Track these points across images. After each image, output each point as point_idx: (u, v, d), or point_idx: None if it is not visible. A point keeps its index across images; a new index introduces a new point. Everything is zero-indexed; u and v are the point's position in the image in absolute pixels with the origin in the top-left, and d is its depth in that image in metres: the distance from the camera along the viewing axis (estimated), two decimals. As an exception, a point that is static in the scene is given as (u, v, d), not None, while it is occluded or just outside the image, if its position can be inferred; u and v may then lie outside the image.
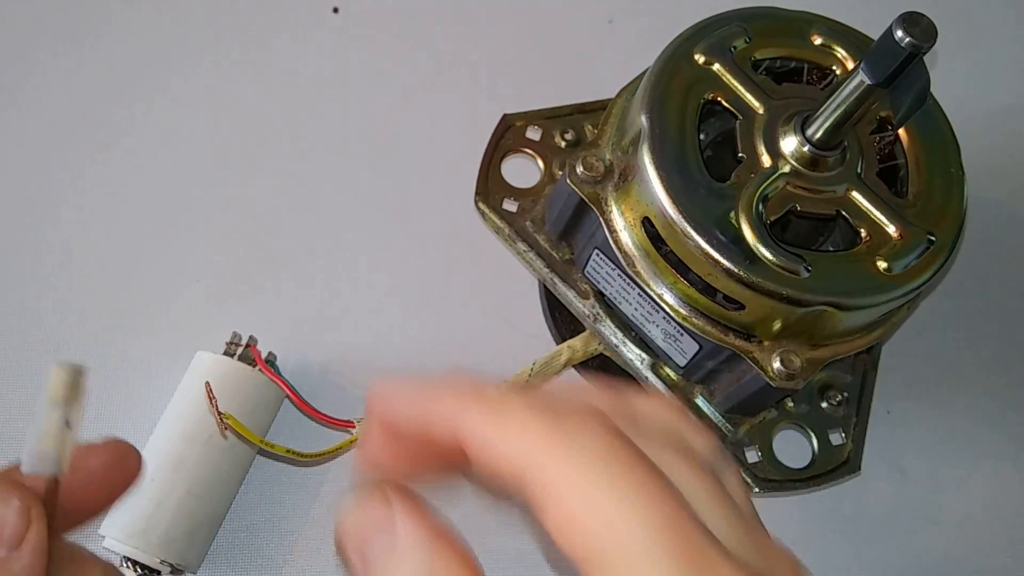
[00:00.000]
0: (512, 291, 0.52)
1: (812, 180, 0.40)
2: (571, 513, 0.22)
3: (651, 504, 0.22)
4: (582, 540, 0.22)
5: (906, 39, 0.34)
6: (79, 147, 0.53)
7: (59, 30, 0.56)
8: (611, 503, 0.22)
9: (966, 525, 0.49)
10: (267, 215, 0.52)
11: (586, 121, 0.52)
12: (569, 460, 0.23)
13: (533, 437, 0.23)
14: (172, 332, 0.49)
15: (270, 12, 0.58)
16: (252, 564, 0.44)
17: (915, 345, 0.53)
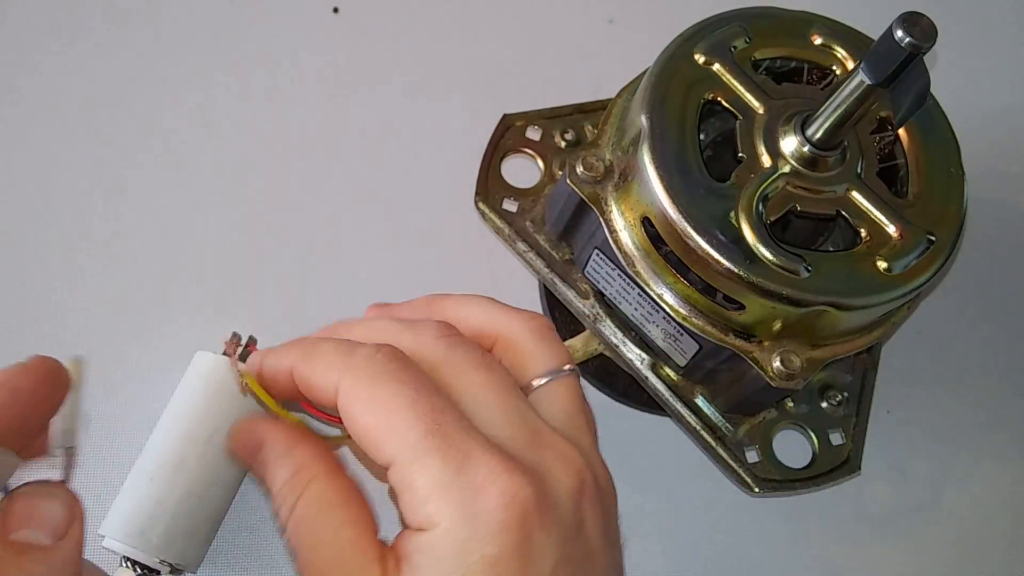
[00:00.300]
0: (512, 291, 0.52)
1: (812, 180, 0.40)
2: (365, 426, 0.30)
3: (417, 415, 0.29)
4: (377, 449, 0.29)
5: (906, 39, 0.34)
6: (79, 147, 0.53)
7: (59, 31, 0.56)
8: (390, 417, 0.29)
9: (966, 525, 0.49)
10: (266, 214, 0.52)
11: (586, 121, 0.52)
12: (356, 383, 0.30)
13: (332, 369, 0.31)
14: (172, 332, 0.49)
15: (270, 12, 0.58)
16: (252, 564, 0.44)
17: (915, 345, 0.53)
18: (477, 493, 0.28)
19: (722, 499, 0.48)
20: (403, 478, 0.29)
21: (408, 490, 0.29)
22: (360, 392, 0.30)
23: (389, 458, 0.29)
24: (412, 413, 0.29)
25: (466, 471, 0.28)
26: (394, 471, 0.29)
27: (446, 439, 0.29)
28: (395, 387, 0.30)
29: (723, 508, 0.48)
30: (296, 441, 0.33)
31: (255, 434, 0.33)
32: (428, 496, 0.28)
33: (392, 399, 0.30)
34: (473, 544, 0.28)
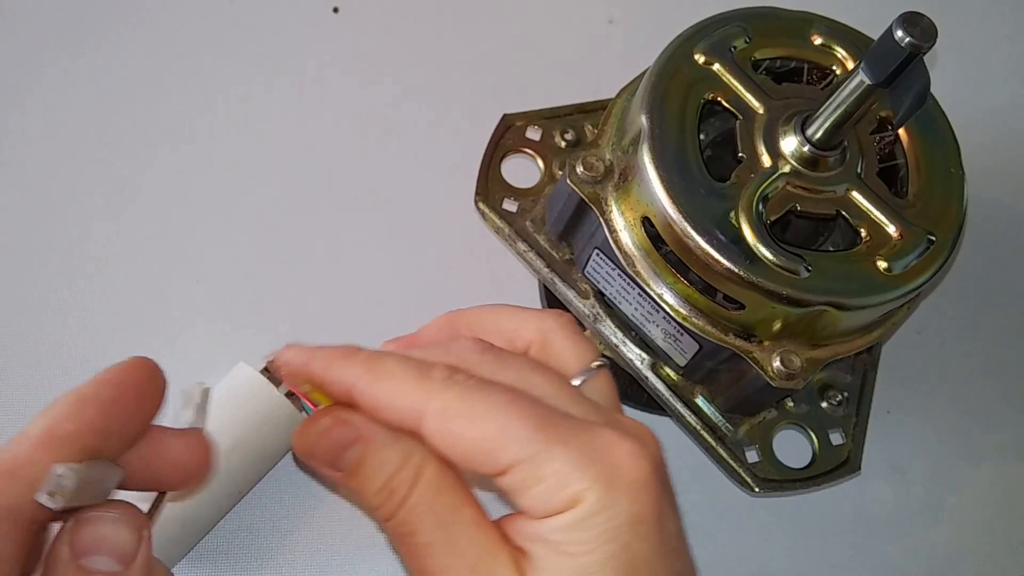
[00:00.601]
0: (512, 291, 0.52)
1: (812, 180, 0.40)
2: (473, 441, 0.29)
3: (523, 415, 0.29)
4: (491, 458, 0.29)
5: (906, 39, 0.34)
6: (79, 147, 0.53)
7: (59, 32, 0.56)
8: (497, 424, 0.29)
9: (966, 525, 0.49)
10: (265, 214, 0.52)
11: (586, 121, 0.52)
12: (448, 403, 0.30)
13: (412, 393, 0.30)
14: (172, 332, 0.49)
15: (270, 12, 0.58)
16: (252, 564, 0.44)
17: (915, 345, 0.53)
18: (609, 461, 0.29)
19: (722, 499, 0.48)
20: (529, 475, 0.29)
21: (539, 483, 0.29)
22: (457, 410, 0.30)
23: (509, 462, 0.29)
24: (517, 414, 0.30)
25: (590, 447, 0.29)
26: (516, 472, 0.29)
27: (557, 427, 0.29)
28: (489, 396, 0.30)
29: (723, 508, 0.48)
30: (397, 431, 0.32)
31: (348, 427, 0.32)
32: (565, 480, 0.28)
33: (492, 408, 0.30)
34: (620, 507, 0.28)
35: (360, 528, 0.45)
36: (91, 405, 0.30)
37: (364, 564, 0.44)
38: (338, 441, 0.32)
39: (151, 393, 0.33)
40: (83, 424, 0.29)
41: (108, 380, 0.31)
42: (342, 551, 0.44)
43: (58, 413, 0.30)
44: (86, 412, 0.30)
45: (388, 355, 0.32)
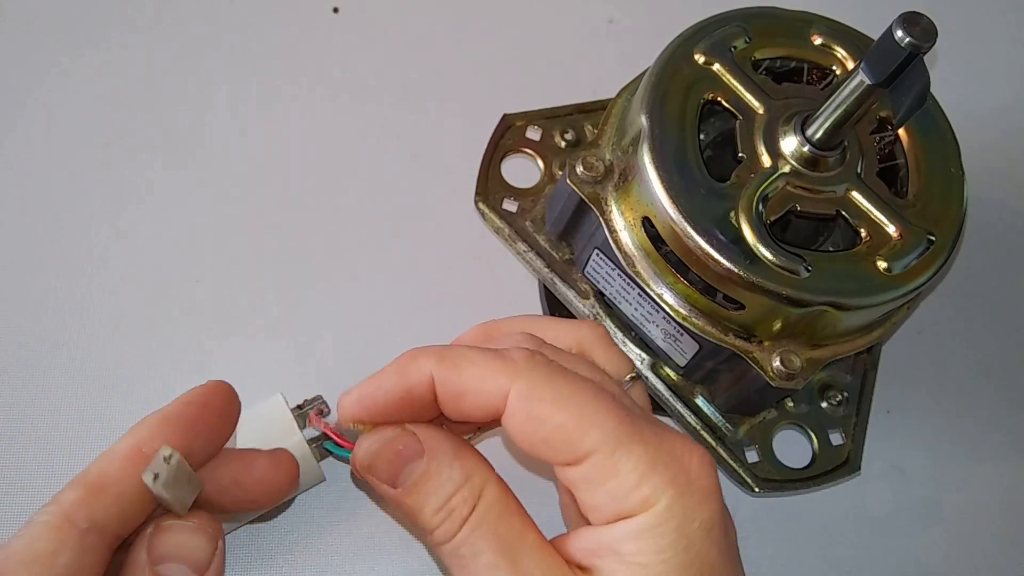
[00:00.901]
0: (512, 291, 0.52)
1: (812, 180, 0.40)
2: (556, 424, 0.29)
3: (607, 406, 0.29)
4: (571, 445, 0.29)
5: (906, 39, 0.34)
6: (79, 147, 0.53)
7: (58, 33, 0.56)
8: (582, 411, 0.29)
9: (966, 525, 0.49)
10: (265, 214, 0.52)
11: (586, 121, 0.52)
12: (535, 384, 0.30)
13: (497, 374, 0.30)
14: (172, 333, 0.49)
15: (270, 12, 0.58)
16: (252, 564, 0.44)
17: (915, 345, 0.53)
18: (685, 466, 0.29)
19: (722, 499, 0.48)
20: (606, 467, 0.29)
21: (614, 477, 0.29)
22: (543, 391, 0.30)
23: (588, 450, 0.29)
24: (602, 404, 0.29)
25: (666, 448, 0.29)
26: (593, 463, 0.29)
27: (636, 423, 0.29)
28: (573, 383, 0.30)
29: (723, 508, 0.48)
30: (460, 446, 0.32)
31: (411, 444, 0.31)
32: (640, 478, 0.28)
33: (577, 394, 0.29)
34: (693, 512, 0.28)
35: (360, 528, 0.45)
36: (175, 425, 0.31)
37: (364, 564, 0.44)
38: (402, 453, 0.31)
39: (229, 414, 0.34)
40: (168, 443, 0.31)
41: (191, 401, 0.32)
42: (342, 551, 0.44)
43: (145, 432, 0.31)
44: (171, 431, 0.31)
45: (461, 347, 0.32)
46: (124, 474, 0.29)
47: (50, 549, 0.28)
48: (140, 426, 0.31)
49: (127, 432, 0.31)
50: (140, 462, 0.29)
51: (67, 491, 0.29)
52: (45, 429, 0.45)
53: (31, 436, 0.45)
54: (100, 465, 0.30)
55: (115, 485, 0.29)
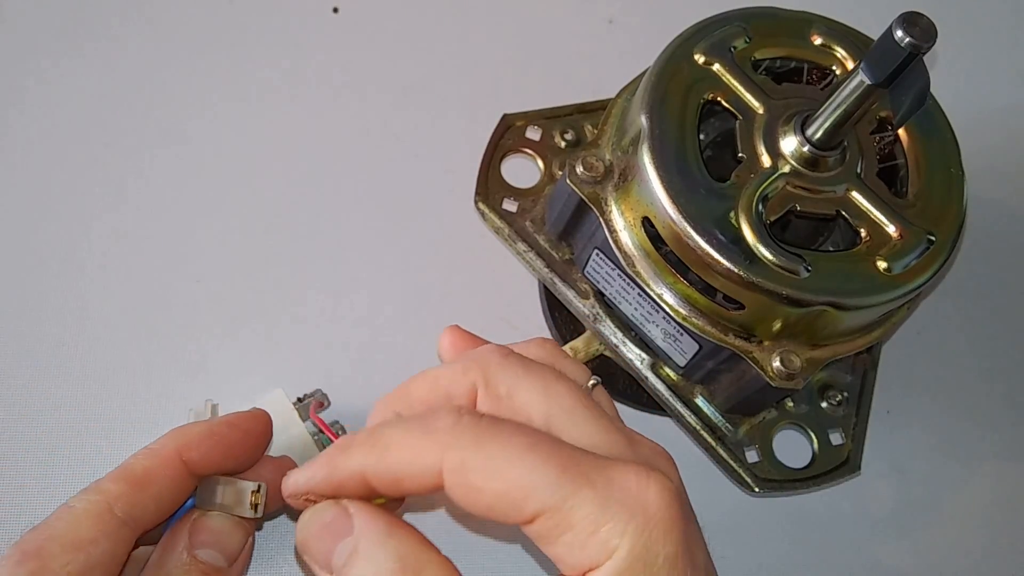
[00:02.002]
0: (512, 291, 0.52)
1: (812, 180, 0.40)
2: (496, 492, 0.28)
3: (544, 458, 0.28)
4: (517, 508, 0.28)
5: (906, 39, 0.34)
6: (78, 147, 0.53)
7: (58, 32, 0.56)
8: (519, 472, 0.28)
9: (966, 525, 0.49)
10: (265, 214, 0.52)
11: (586, 121, 0.52)
12: (463, 454, 0.28)
13: (423, 453, 0.29)
14: (172, 333, 0.49)
15: (270, 12, 0.58)
16: (252, 564, 0.44)
17: (915, 345, 0.53)
18: (639, 503, 0.28)
19: (722, 499, 0.48)
20: (559, 521, 0.28)
21: (569, 530, 0.27)
22: (474, 461, 0.28)
23: (535, 510, 0.28)
24: (539, 458, 0.28)
25: (617, 487, 0.28)
26: (544, 520, 0.28)
27: (580, 467, 0.28)
28: (505, 440, 0.28)
29: (723, 508, 0.48)
30: (395, 525, 0.30)
31: (340, 519, 0.30)
32: (595, 525, 0.27)
33: (511, 454, 0.28)
34: (656, 548, 0.27)
35: (360, 528, 0.45)
36: (218, 443, 0.34)
37: (364, 564, 0.44)
38: (331, 526, 0.30)
39: (262, 444, 0.36)
40: (207, 456, 0.33)
41: (236, 425, 0.35)
42: (342, 551, 0.44)
43: (189, 441, 0.33)
44: (212, 447, 0.33)
45: (385, 425, 0.30)
46: (165, 475, 0.31)
47: (90, 537, 0.30)
48: (185, 433, 0.33)
49: (170, 434, 0.33)
50: (181, 467, 0.31)
51: (111, 482, 0.31)
52: (45, 429, 0.45)
53: (31, 436, 0.45)
54: (144, 463, 0.32)
55: (156, 484, 0.31)
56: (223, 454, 0.33)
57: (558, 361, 0.35)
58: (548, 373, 0.32)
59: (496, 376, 0.31)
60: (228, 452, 0.33)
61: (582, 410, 0.31)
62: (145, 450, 0.33)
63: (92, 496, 0.31)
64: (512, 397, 0.31)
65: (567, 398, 0.31)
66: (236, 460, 0.34)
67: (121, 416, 0.46)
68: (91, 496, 0.31)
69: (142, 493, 0.31)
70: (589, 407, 0.31)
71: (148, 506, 0.31)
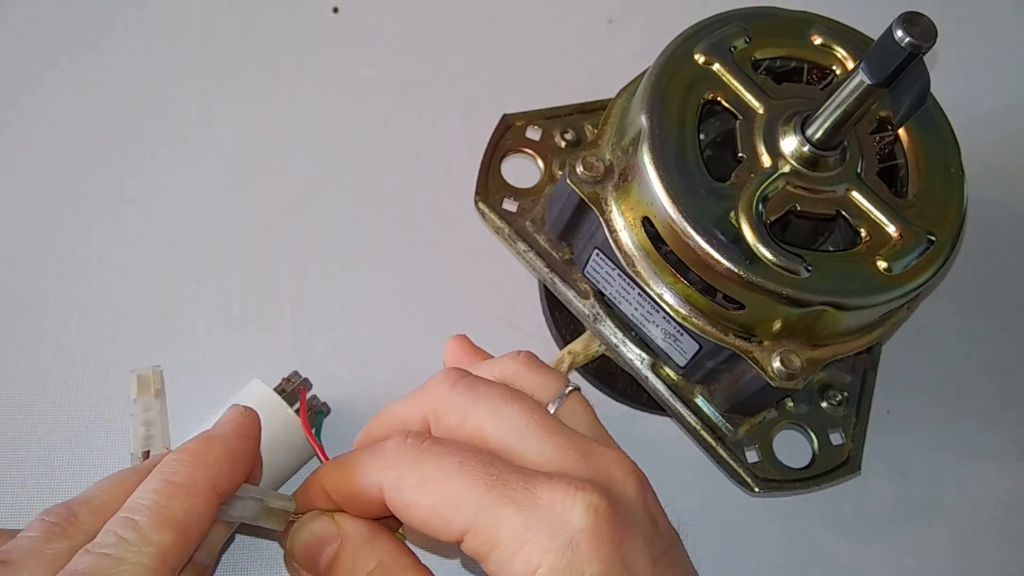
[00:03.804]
0: (512, 291, 0.52)
1: (812, 180, 0.40)
2: (426, 508, 0.30)
3: (472, 476, 0.29)
4: (447, 525, 0.29)
5: (906, 39, 0.34)
6: (78, 147, 0.53)
7: (58, 32, 0.56)
8: (446, 489, 0.29)
9: (966, 525, 0.49)
10: (265, 214, 0.52)
11: (586, 121, 0.52)
12: (399, 473, 0.30)
13: (369, 471, 0.31)
14: (171, 333, 0.49)
15: (270, 12, 0.58)
16: (252, 564, 0.44)
17: (915, 345, 0.53)
18: (562, 521, 0.28)
19: (722, 499, 0.48)
20: (486, 539, 0.29)
21: (496, 548, 0.28)
22: (407, 479, 0.30)
23: (463, 528, 0.29)
24: (466, 476, 0.29)
25: (542, 505, 0.28)
26: (472, 537, 0.29)
27: (508, 485, 0.29)
28: (438, 460, 0.30)
29: (723, 508, 0.48)
30: (377, 532, 0.32)
31: (325, 527, 0.32)
32: (519, 544, 0.28)
33: (440, 472, 0.30)
34: (580, 567, 0.28)
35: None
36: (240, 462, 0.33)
37: (364, 564, 0.44)
38: (316, 534, 0.32)
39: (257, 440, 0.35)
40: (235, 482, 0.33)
41: (247, 436, 0.34)
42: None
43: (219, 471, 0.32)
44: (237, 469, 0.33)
45: (353, 452, 0.33)
46: (205, 514, 0.30)
47: None
48: (212, 464, 0.31)
49: (197, 464, 0.31)
50: (216, 500, 0.31)
51: (156, 531, 0.29)
52: (45, 429, 0.45)
53: (31, 436, 0.45)
54: (183, 505, 0.30)
55: (199, 527, 0.30)
56: (245, 471, 0.33)
57: (524, 376, 0.35)
58: (498, 396, 0.32)
59: (444, 407, 0.33)
60: (248, 467, 0.33)
61: (535, 428, 0.31)
62: (177, 487, 0.30)
63: (144, 548, 0.28)
64: (464, 424, 0.32)
65: (518, 418, 0.32)
66: (250, 471, 0.34)
67: (121, 416, 0.46)
68: (143, 548, 0.28)
69: (188, 539, 0.30)
70: (543, 424, 0.32)
71: (191, 548, 0.30)
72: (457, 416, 0.32)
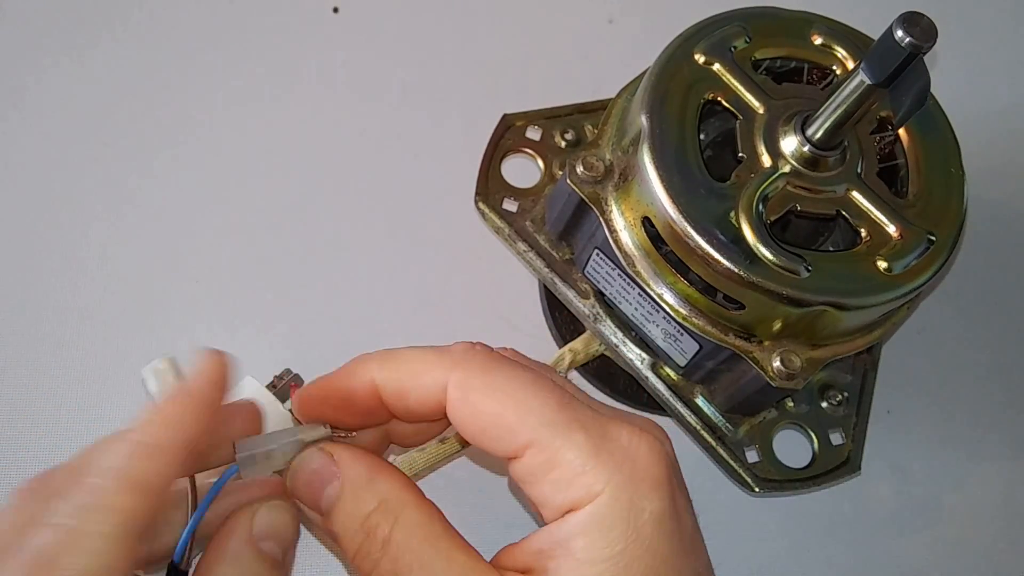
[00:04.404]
0: (512, 291, 0.52)
1: (812, 180, 0.40)
2: (491, 414, 0.29)
3: (545, 392, 0.29)
4: (510, 434, 0.28)
5: (906, 39, 0.34)
6: (78, 147, 0.53)
7: (58, 32, 0.56)
8: (518, 399, 0.29)
9: (966, 525, 0.49)
10: (265, 214, 0.52)
11: (586, 121, 0.52)
12: (470, 374, 0.29)
13: (433, 368, 0.30)
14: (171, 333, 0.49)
15: (270, 12, 0.58)
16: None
17: (915, 345, 0.53)
18: (628, 455, 0.28)
19: (722, 499, 0.48)
20: (547, 459, 0.28)
21: (557, 466, 0.28)
22: (475, 382, 0.29)
23: (527, 440, 0.28)
24: (540, 390, 0.29)
25: (610, 436, 0.28)
26: (534, 454, 0.28)
27: (576, 411, 0.29)
28: (511, 370, 0.29)
29: (723, 508, 0.48)
30: (378, 467, 0.31)
31: (325, 465, 0.31)
32: (583, 466, 0.27)
33: (514, 381, 0.29)
34: (641, 503, 0.27)
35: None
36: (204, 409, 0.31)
37: (364, 564, 0.44)
38: (317, 472, 0.31)
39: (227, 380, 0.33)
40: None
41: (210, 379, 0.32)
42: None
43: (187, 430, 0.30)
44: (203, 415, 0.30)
45: (401, 348, 0.32)
46: (171, 476, 0.28)
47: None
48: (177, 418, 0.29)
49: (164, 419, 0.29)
50: (186, 459, 0.29)
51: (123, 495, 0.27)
52: (45, 429, 0.45)
53: (31, 436, 0.45)
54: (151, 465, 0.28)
55: (166, 488, 0.28)
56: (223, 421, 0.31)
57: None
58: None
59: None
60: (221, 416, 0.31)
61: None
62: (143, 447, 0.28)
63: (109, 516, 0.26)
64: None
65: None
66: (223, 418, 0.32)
67: (121, 416, 0.46)
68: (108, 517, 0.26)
69: (155, 502, 0.28)
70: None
71: (158, 513, 0.28)
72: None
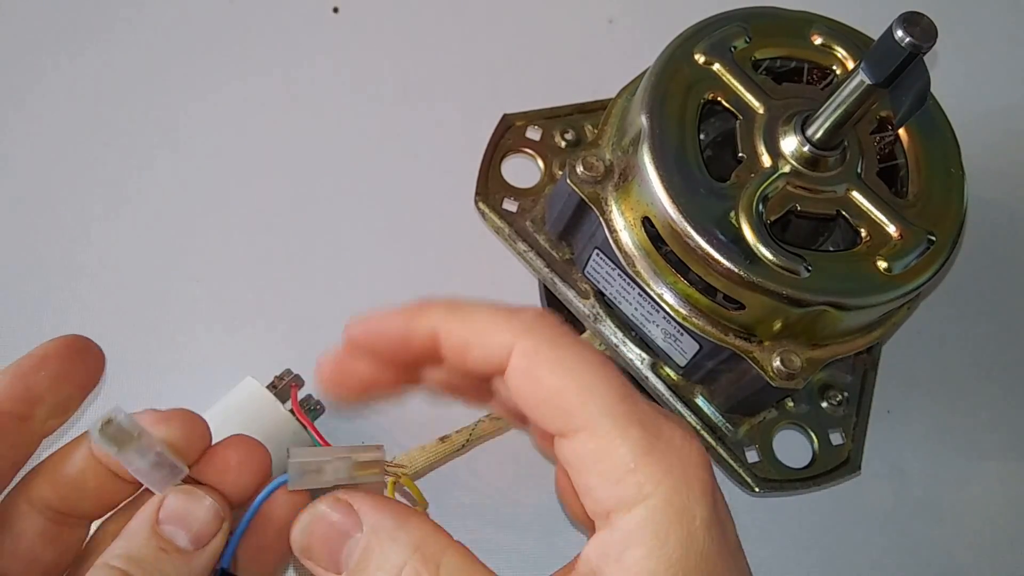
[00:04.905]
0: (512, 291, 0.52)
1: (812, 180, 0.40)
2: (553, 389, 0.28)
3: (610, 379, 0.28)
4: (566, 413, 0.27)
5: (906, 39, 0.34)
6: (79, 147, 0.53)
7: (59, 32, 0.56)
8: (583, 379, 0.27)
9: (966, 525, 0.49)
10: (265, 215, 0.52)
11: (586, 121, 0.52)
12: (540, 343, 0.28)
13: (502, 329, 0.29)
14: (171, 332, 0.49)
15: (270, 12, 0.58)
16: None
17: (915, 345, 0.53)
18: (681, 457, 0.27)
19: (722, 499, 0.48)
20: (601, 446, 0.27)
21: (608, 457, 0.27)
22: (547, 352, 0.28)
23: (582, 423, 0.27)
24: (606, 376, 0.28)
25: (664, 437, 0.27)
26: (584, 438, 0.27)
27: (636, 404, 0.27)
28: (581, 348, 0.28)
29: (723, 508, 0.48)
30: (404, 513, 0.28)
31: (346, 515, 0.28)
32: (635, 463, 0.26)
33: (582, 361, 0.28)
34: (694, 507, 0.26)
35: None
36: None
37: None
38: (336, 525, 0.28)
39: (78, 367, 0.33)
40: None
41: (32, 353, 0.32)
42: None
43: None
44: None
45: (467, 301, 0.30)
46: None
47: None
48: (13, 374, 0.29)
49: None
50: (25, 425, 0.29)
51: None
52: (45, 429, 0.45)
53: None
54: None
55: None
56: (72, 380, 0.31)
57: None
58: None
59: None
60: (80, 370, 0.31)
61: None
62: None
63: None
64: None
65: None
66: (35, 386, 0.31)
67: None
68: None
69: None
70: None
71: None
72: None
